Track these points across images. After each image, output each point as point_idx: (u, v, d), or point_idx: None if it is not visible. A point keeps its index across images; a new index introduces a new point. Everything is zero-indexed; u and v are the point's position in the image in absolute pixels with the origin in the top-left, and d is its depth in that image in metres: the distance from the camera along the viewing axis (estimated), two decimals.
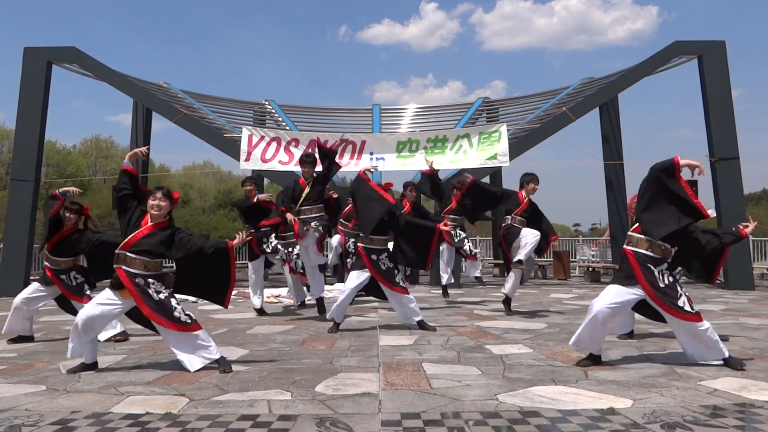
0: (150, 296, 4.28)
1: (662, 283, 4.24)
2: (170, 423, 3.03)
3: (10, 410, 3.30)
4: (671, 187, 4.21)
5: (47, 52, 12.84)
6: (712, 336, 4.23)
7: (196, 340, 4.32)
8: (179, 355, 4.31)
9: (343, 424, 2.97)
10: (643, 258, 4.28)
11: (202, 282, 4.46)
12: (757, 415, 3.09)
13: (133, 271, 4.28)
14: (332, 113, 18.04)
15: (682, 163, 4.23)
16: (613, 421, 3.00)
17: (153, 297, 4.29)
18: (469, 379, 3.94)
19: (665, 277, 4.28)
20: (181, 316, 4.31)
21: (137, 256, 4.29)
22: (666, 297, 4.22)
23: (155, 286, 4.33)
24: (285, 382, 3.92)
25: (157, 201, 4.38)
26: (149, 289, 4.30)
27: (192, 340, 4.32)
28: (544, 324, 6.66)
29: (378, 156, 12.87)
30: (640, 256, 4.29)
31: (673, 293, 4.24)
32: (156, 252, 4.33)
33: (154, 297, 4.29)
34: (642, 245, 4.31)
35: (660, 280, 4.25)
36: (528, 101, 16.92)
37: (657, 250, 4.29)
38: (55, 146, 38.38)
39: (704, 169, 4.32)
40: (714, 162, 12.28)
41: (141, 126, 15.78)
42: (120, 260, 4.31)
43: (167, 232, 4.39)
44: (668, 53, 12.90)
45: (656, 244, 4.28)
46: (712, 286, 11.25)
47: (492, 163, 12.55)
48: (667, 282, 4.26)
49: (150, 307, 4.27)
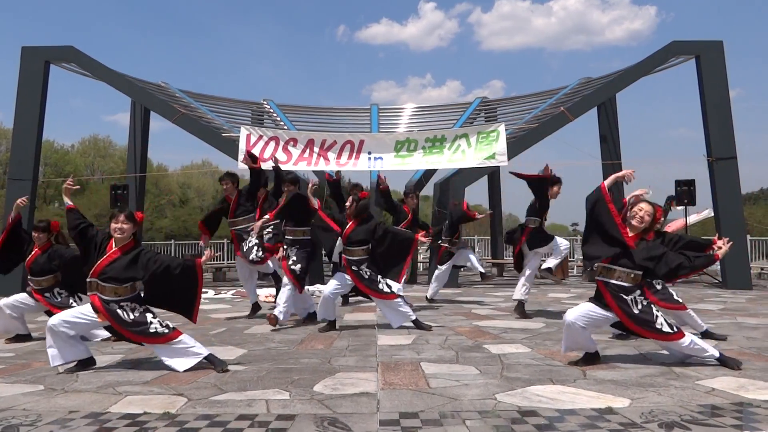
0: (123, 319, 4.28)
1: (636, 309, 4.25)
2: (168, 422, 3.02)
3: (8, 410, 3.30)
4: (600, 220, 4.29)
5: (45, 51, 12.82)
6: (696, 346, 4.25)
7: (178, 345, 4.32)
8: (167, 362, 4.32)
9: (341, 424, 2.97)
10: (615, 288, 4.28)
11: (170, 298, 4.51)
12: (755, 414, 3.10)
13: (105, 297, 4.29)
14: (330, 113, 18.03)
15: (608, 183, 4.34)
16: (611, 420, 3.00)
17: (127, 319, 4.29)
18: (467, 379, 3.95)
19: (639, 302, 4.27)
20: (158, 329, 4.31)
21: (106, 283, 4.29)
22: (643, 322, 4.25)
23: (128, 307, 4.33)
24: (283, 381, 3.91)
25: (120, 224, 4.35)
26: (121, 311, 4.29)
27: (174, 346, 4.32)
28: (543, 324, 6.67)
29: (376, 156, 12.86)
30: (611, 287, 4.29)
31: (650, 317, 4.25)
32: (123, 278, 4.32)
33: (128, 319, 4.29)
34: (611, 275, 4.31)
35: (634, 306, 4.25)
36: (526, 101, 16.93)
37: (627, 278, 4.28)
38: (52, 146, 38.33)
39: (632, 174, 4.47)
40: (712, 161, 12.30)
41: (139, 125, 15.76)
42: (92, 288, 4.31)
43: (132, 255, 4.37)
44: (666, 53, 12.91)
45: (626, 272, 4.27)
46: (709, 285, 11.26)
47: (490, 163, 12.55)
48: (641, 307, 4.26)
49: (126, 330, 4.29)
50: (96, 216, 30.23)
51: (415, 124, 16.71)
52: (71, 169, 38.07)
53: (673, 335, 4.21)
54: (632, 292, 4.27)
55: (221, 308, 8.57)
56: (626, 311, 4.24)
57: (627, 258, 4.26)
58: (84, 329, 4.37)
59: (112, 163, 40.57)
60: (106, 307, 4.26)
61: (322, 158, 12.75)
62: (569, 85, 15.91)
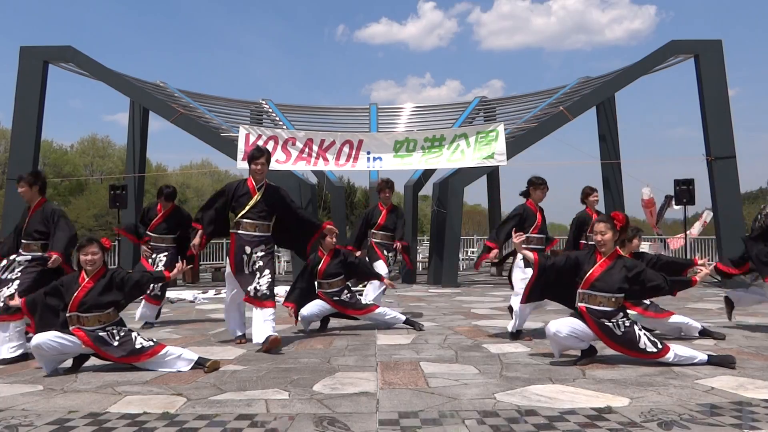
0: (110, 344, 4.28)
1: (619, 332, 4.26)
2: (167, 423, 3.02)
3: (7, 410, 3.29)
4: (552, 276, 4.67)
5: (44, 51, 12.81)
6: (682, 357, 4.25)
7: (165, 357, 4.31)
8: (163, 370, 4.31)
9: (340, 424, 2.97)
10: (596, 313, 4.29)
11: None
12: (754, 413, 3.10)
13: (89, 328, 4.26)
14: (329, 112, 18.04)
15: (527, 256, 4.93)
16: (611, 419, 3.00)
17: (113, 343, 4.29)
18: (466, 378, 3.95)
19: (621, 326, 4.28)
20: (143, 343, 4.32)
21: (87, 314, 4.27)
22: (626, 343, 4.27)
23: (113, 331, 4.33)
24: (283, 381, 3.91)
25: (90, 256, 4.35)
26: (106, 335, 4.29)
27: (162, 359, 4.30)
28: (542, 323, 6.66)
29: (375, 155, 12.86)
30: (593, 312, 4.30)
31: (632, 337, 4.26)
32: (103, 303, 4.31)
33: (114, 343, 4.29)
34: (594, 301, 4.32)
35: (617, 329, 4.27)
36: (525, 100, 16.95)
37: (609, 303, 4.29)
38: (51, 146, 38.30)
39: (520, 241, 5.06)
40: (711, 161, 12.31)
41: (138, 125, 15.76)
42: (73, 322, 4.27)
43: (105, 280, 4.38)
44: (665, 52, 12.93)
45: (606, 297, 4.29)
46: (708, 284, 11.26)
47: (489, 163, 12.56)
48: (624, 329, 4.27)
49: (113, 355, 4.27)
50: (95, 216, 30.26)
51: (414, 123, 16.71)
52: (70, 168, 38.09)
53: (657, 354, 4.22)
54: (614, 316, 4.28)
55: (221, 308, 8.55)
56: (610, 335, 4.27)
57: (604, 282, 4.29)
58: (71, 351, 4.32)
59: (110, 163, 40.57)
60: (91, 336, 4.23)
61: (321, 158, 12.75)
62: (568, 84, 15.93)
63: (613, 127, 15.54)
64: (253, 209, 5.29)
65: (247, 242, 5.26)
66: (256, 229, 5.30)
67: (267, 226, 5.38)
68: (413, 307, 8.40)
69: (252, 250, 5.25)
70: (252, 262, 5.25)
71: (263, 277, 5.19)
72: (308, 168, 13.22)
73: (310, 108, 18.33)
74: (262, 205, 5.31)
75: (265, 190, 5.37)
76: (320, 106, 18.62)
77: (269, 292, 5.16)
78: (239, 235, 5.29)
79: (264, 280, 5.18)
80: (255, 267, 5.24)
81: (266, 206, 5.33)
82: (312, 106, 18.51)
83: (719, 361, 4.23)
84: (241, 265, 5.26)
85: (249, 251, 5.25)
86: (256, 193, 5.33)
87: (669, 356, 4.22)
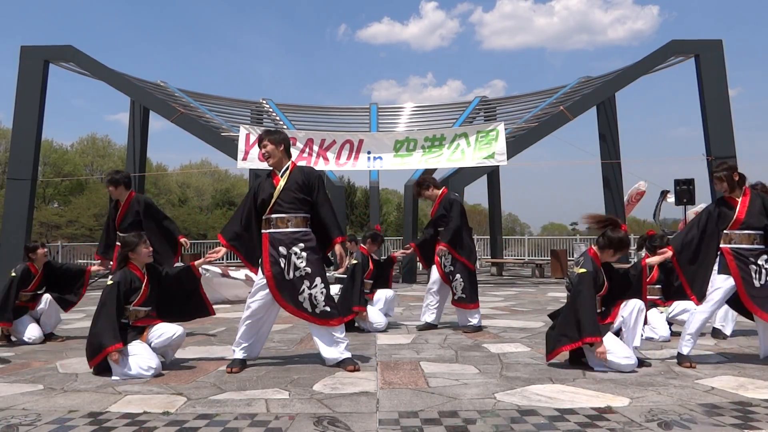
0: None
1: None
2: (167, 422, 3.02)
3: (8, 410, 3.29)
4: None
5: (44, 50, 12.82)
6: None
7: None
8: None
9: (340, 423, 2.97)
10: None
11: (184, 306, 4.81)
12: (755, 413, 3.10)
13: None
14: (329, 112, 18.05)
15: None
16: (611, 419, 3.00)
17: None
18: (466, 378, 3.95)
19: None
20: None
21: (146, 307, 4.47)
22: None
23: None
24: (283, 381, 3.91)
25: (150, 248, 4.58)
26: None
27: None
28: (542, 323, 6.66)
29: (375, 155, 12.87)
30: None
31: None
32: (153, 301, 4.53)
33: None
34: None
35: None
36: (525, 100, 16.96)
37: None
38: (51, 145, 38.29)
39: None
40: (711, 160, 12.31)
41: (138, 125, 15.78)
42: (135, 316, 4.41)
43: (154, 276, 4.58)
44: (665, 52, 12.93)
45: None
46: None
47: (489, 163, 12.58)
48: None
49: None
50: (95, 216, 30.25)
51: (415, 123, 16.72)
52: (70, 168, 38.08)
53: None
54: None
55: (221, 308, 8.56)
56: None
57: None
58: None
59: (111, 163, 40.50)
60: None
61: (322, 158, 12.77)
62: (569, 84, 15.93)
63: (613, 126, 15.54)
64: (281, 200, 4.29)
65: (280, 241, 4.26)
66: (288, 224, 4.28)
67: (303, 219, 4.34)
68: (413, 307, 8.40)
69: (289, 251, 4.24)
70: (294, 267, 4.25)
71: (315, 288, 4.25)
72: None
73: (310, 108, 18.33)
74: (289, 193, 4.30)
75: (290, 174, 4.36)
76: (320, 106, 18.62)
77: (330, 308, 4.28)
78: (271, 235, 4.30)
79: (317, 291, 4.25)
80: (300, 274, 4.25)
81: (299, 193, 4.32)
82: (312, 106, 18.52)
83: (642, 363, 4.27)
84: (280, 271, 4.24)
85: (285, 252, 4.25)
86: (280, 180, 4.35)
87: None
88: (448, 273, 6.07)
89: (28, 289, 5.79)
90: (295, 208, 4.31)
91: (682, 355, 4.30)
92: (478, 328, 6.04)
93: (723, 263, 4.35)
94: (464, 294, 6.00)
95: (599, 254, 4.35)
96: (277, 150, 4.40)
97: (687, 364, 4.22)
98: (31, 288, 5.81)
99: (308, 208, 4.36)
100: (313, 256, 4.28)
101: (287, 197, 4.29)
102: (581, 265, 4.29)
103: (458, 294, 6.01)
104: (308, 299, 4.25)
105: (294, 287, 4.25)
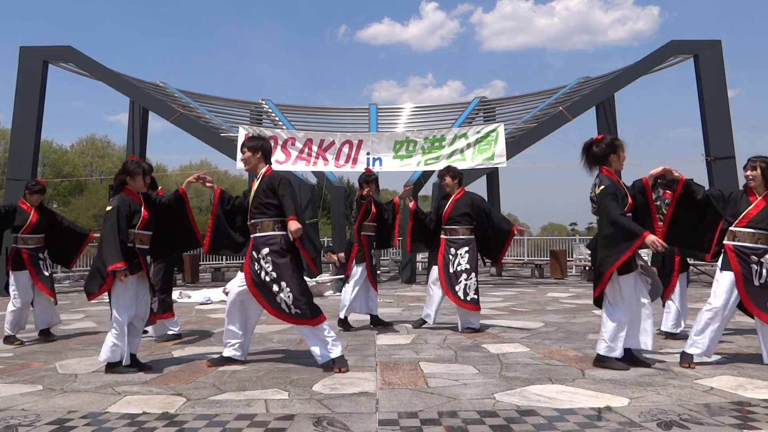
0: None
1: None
2: (167, 423, 3.02)
3: (7, 410, 3.29)
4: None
5: (43, 51, 12.80)
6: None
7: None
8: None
9: (340, 424, 2.97)
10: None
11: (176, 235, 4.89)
12: (753, 413, 3.10)
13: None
14: (329, 112, 18.03)
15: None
16: (610, 419, 3.00)
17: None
18: (466, 378, 3.95)
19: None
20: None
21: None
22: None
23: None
24: (282, 381, 3.91)
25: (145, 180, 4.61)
26: None
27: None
28: (541, 323, 6.67)
29: (375, 156, 12.87)
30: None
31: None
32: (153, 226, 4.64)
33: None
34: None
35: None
36: (524, 100, 16.95)
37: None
38: (51, 146, 38.29)
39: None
40: (710, 161, 12.32)
41: (138, 125, 15.76)
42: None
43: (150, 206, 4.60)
44: (664, 52, 12.93)
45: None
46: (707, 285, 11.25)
47: (489, 164, 12.59)
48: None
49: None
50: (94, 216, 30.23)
51: (414, 123, 16.71)
52: (69, 169, 38.08)
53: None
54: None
55: (221, 308, 8.55)
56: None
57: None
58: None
59: (110, 163, 40.53)
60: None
61: (321, 158, 12.76)
62: (568, 84, 15.93)
63: (612, 127, 15.52)
64: (252, 206, 4.42)
65: (254, 246, 4.38)
66: (257, 229, 4.40)
67: (271, 223, 4.37)
68: (413, 307, 8.40)
69: (259, 255, 4.33)
70: (264, 270, 4.31)
71: (282, 291, 4.26)
72: (308, 168, 13.22)
73: (309, 108, 18.32)
74: (258, 198, 4.39)
75: (261, 180, 4.45)
76: (320, 107, 18.61)
77: (302, 309, 4.27)
78: (252, 239, 4.43)
79: (284, 294, 4.26)
80: (272, 277, 4.29)
81: (264, 198, 4.38)
82: (311, 107, 18.50)
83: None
84: (257, 273, 4.33)
85: (256, 256, 4.34)
86: (255, 186, 4.48)
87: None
88: (461, 271, 6.02)
89: (24, 230, 5.81)
90: (261, 213, 4.40)
91: (686, 354, 4.30)
92: (478, 330, 6.04)
93: (725, 260, 4.35)
94: (476, 295, 6.04)
95: (609, 168, 4.38)
96: (253, 157, 4.53)
97: (686, 365, 4.22)
98: (27, 229, 5.82)
99: (276, 212, 4.38)
100: (279, 259, 4.31)
101: (256, 203, 4.42)
102: (599, 185, 4.29)
103: (471, 295, 6.00)
104: (284, 301, 4.28)
105: (269, 289, 4.31)
